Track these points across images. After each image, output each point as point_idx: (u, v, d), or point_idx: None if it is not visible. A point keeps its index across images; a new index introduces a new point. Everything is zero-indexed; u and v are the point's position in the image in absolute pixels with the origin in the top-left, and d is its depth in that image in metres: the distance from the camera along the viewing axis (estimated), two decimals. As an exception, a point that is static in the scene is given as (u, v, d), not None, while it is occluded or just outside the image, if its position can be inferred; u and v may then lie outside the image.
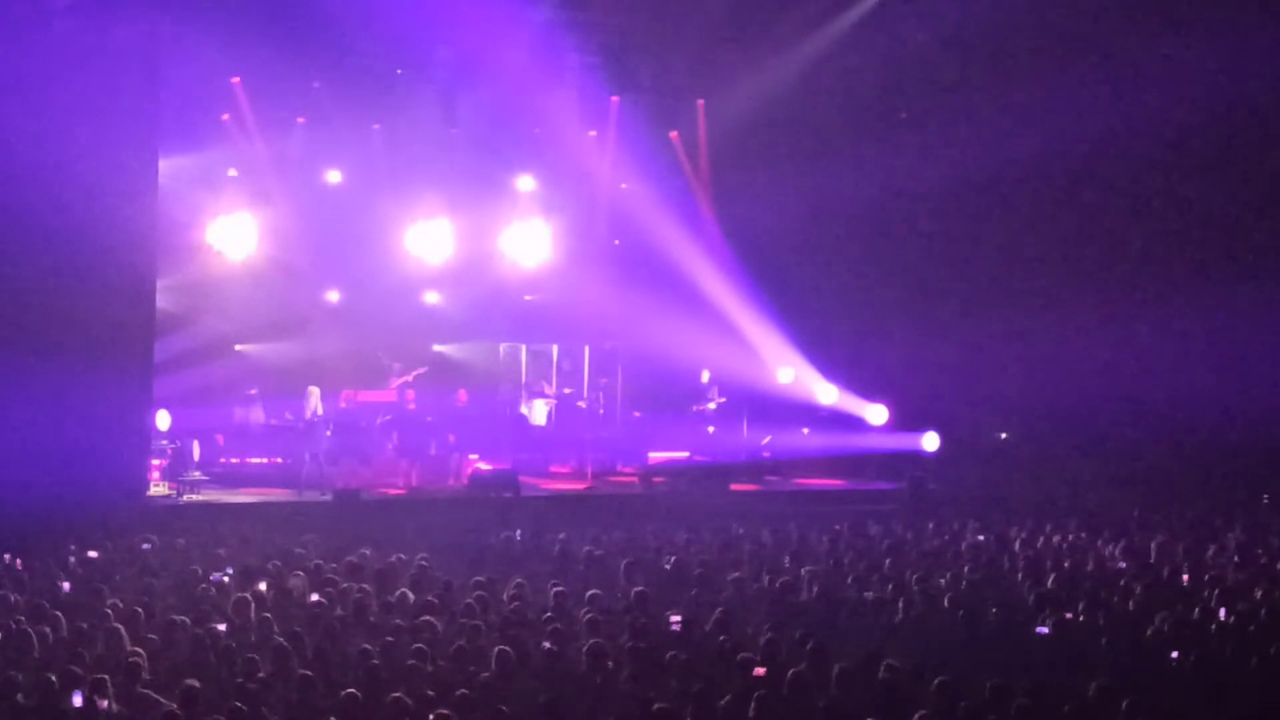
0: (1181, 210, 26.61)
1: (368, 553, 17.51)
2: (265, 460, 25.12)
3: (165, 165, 22.90)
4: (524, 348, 28.66)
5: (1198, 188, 26.46)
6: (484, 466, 24.95)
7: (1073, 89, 25.53)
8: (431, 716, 10.66)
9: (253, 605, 14.25)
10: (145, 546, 17.84)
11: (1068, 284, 27.01)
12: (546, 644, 12.90)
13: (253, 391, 25.37)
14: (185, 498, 22.51)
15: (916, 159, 26.48)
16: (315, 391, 24.71)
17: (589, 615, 13.95)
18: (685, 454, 26.54)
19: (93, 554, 17.18)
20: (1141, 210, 26.78)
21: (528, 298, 28.42)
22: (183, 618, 13.57)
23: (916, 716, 10.81)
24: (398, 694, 11.09)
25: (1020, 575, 16.76)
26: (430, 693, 11.34)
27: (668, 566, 17.22)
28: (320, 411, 24.54)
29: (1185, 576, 16.83)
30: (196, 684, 11.34)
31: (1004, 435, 27.26)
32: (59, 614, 13.61)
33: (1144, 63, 25.02)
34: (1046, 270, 27.12)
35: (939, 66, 26.03)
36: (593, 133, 28.21)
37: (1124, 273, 26.79)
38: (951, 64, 25.86)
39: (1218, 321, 25.75)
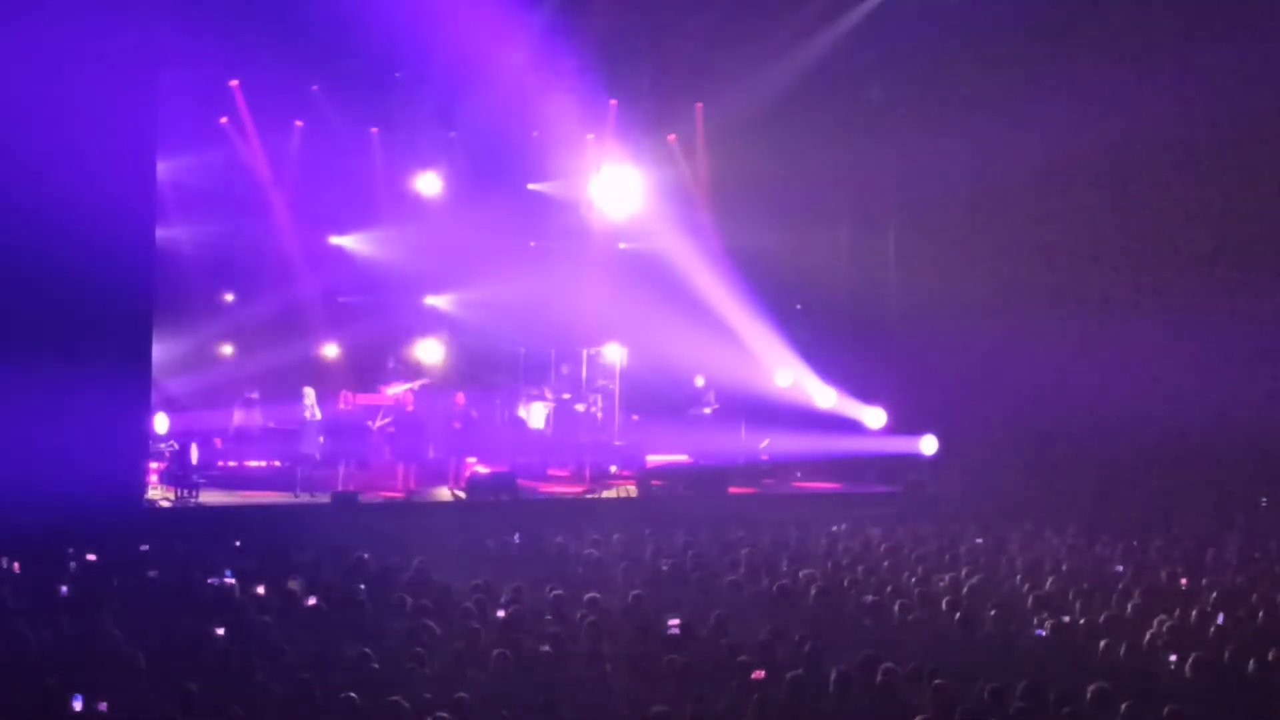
0: (1179, 213, 26.62)
1: (366, 556, 17.51)
2: (264, 463, 25.11)
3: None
4: (522, 351, 28.67)
5: (1191, 191, 26.47)
6: (482, 470, 24.94)
7: (1078, 88, 25.52)
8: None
9: (251, 609, 14.25)
10: (143, 549, 17.83)
11: (1065, 286, 27.02)
12: (544, 647, 12.91)
13: (254, 395, 25.36)
14: (183, 501, 22.50)
15: (915, 161, 26.49)
16: (310, 392, 24.70)
17: (587, 618, 13.96)
18: (684, 457, 26.54)
19: (91, 557, 17.17)
20: (1137, 213, 26.78)
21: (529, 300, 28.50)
22: (181, 620, 13.57)
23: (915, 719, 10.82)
24: (395, 697, 11.09)
25: (1018, 578, 16.77)
26: (428, 696, 11.33)
27: (665, 569, 17.23)
28: (317, 414, 24.52)
29: (1183, 580, 16.85)
30: (195, 687, 11.35)
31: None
32: (58, 617, 13.60)
33: (1137, 59, 25.03)
34: (1044, 272, 27.12)
35: (937, 69, 26.04)
36: (591, 136, 28.24)
37: (1121, 275, 26.79)
38: (951, 66, 25.87)
39: (1216, 324, 25.74)
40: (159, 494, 22.80)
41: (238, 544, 18.46)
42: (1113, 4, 25.29)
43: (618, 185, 28.04)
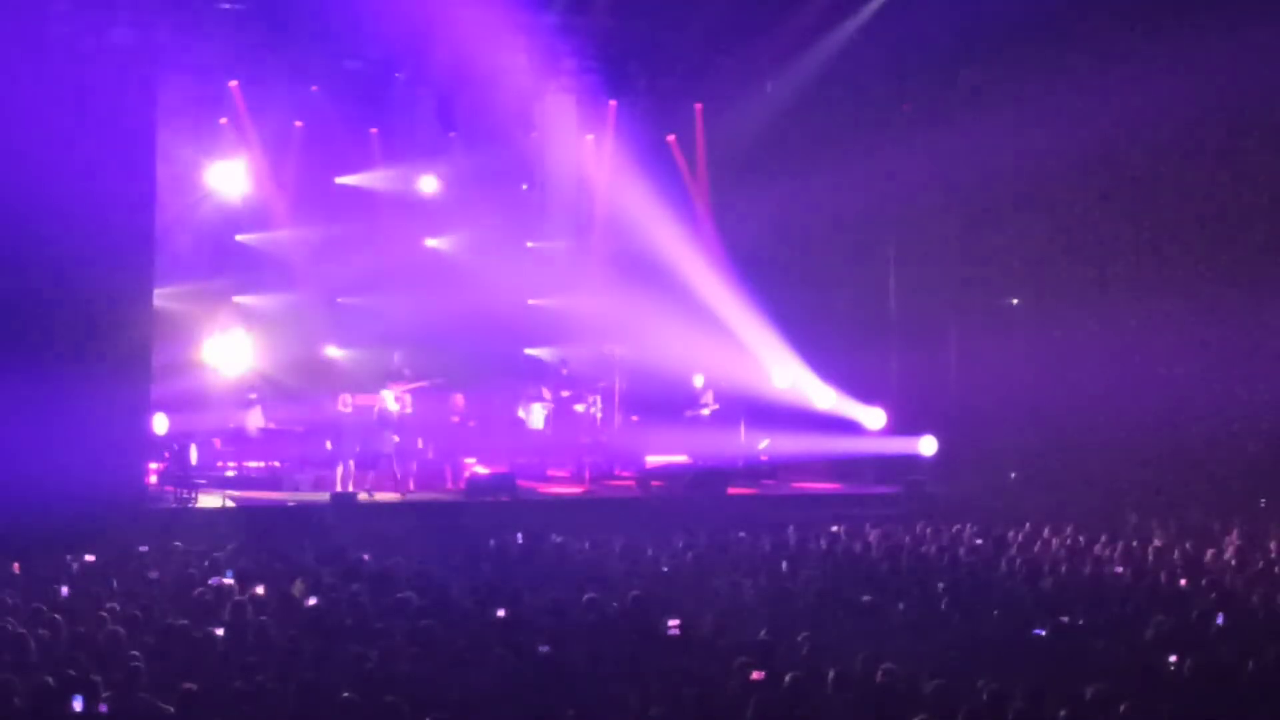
0: (1178, 213, 26.60)
1: (365, 556, 17.50)
2: (263, 464, 25.12)
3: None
4: (521, 351, 28.70)
5: (1195, 184, 26.45)
6: (481, 470, 24.94)
7: (1081, 88, 25.50)
8: (428, 720, 10.65)
9: (250, 609, 14.24)
10: (143, 550, 17.83)
11: (1064, 287, 27.00)
12: (543, 648, 12.90)
13: (252, 396, 25.36)
14: (183, 501, 22.49)
15: (914, 163, 26.49)
16: (388, 395, 24.73)
17: (586, 619, 13.95)
18: (683, 458, 26.54)
19: (90, 557, 17.16)
20: (1138, 211, 26.77)
21: (531, 301, 28.52)
22: (181, 621, 13.56)
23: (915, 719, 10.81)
24: (395, 697, 11.07)
25: (1017, 579, 16.76)
26: (427, 696, 11.32)
27: (665, 570, 17.22)
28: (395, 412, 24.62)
29: (1183, 580, 16.84)
30: (194, 688, 11.34)
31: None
32: (57, 617, 13.60)
33: (1136, 56, 25.01)
34: (1043, 273, 27.12)
35: (939, 70, 26.04)
36: (590, 137, 28.25)
37: (1120, 275, 26.77)
38: (952, 66, 25.87)
39: (1215, 323, 25.72)
40: (159, 495, 22.81)
41: (238, 543, 18.44)
42: (1116, 5, 25.30)
43: None
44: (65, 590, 15.43)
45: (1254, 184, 26.15)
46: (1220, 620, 14.35)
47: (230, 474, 24.68)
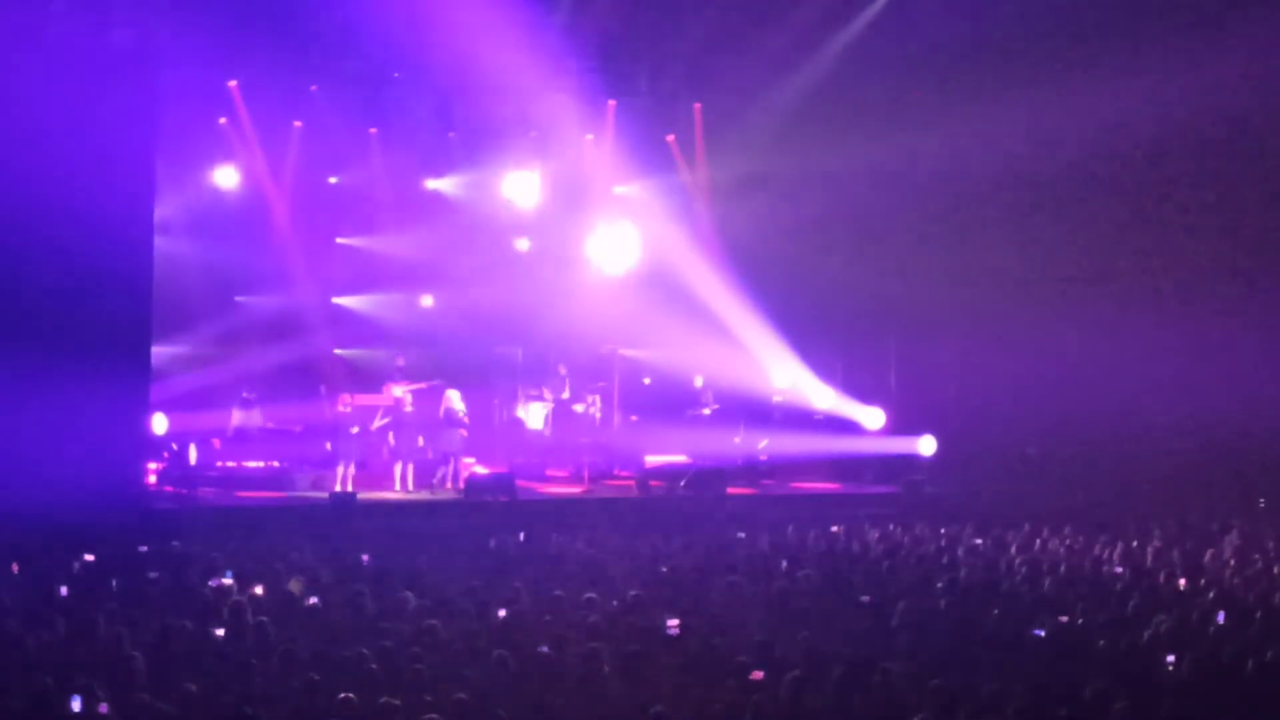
0: (1176, 213, 26.63)
1: (365, 556, 17.50)
2: (262, 464, 25.11)
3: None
4: (520, 351, 28.70)
5: (1190, 190, 26.49)
6: (481, 470, 24.93)
7: (1070, 90, 25.52)
8: (427, 720, 10.65)
9: (250, 609, 14.24)
10: (142, 550, 17.82)
11: (1063, 287, 27.02)
12: (543, 648, 12.90)
13: (250, 395, 25.34)
14: (182, 502, 22.49)
15: (912, 162, 26.49)
16: (454, 395, 24.70)
17: (585, 619, 13.96)
18: (683, 458, 26.54)
19: (89, 557, 17.16)
20: (1134, 213, 26.79)
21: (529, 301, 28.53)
22: (180, 621, 13.55)
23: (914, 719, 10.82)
24: (391, 698, 11.07)
25: (1017, 579, 16.77)
26: (426, 697, 11.33)
27: (664, 570, 17.23)
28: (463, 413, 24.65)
29: (1182, 580, 16.85)
30: (194, 688, 11.34)
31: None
32: (56, 617, 13.60)
33: (1129, 63, 25.02)
34: (1042, 273, 27.13)
35: (938, 70, 26.05)
36: (590, 136, 28.25)
37: (1119, 276, 26.80)
38: (952, 67, 25.87)
39: (1214, 324, 25.75)
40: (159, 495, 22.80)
41: (237, 543, 18.44)
42: (1117, 5, 25.31)
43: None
44: (65, 590, 15.42)
45: (1257, 187, 26.19)
46: (1220, 620, 14.36)
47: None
